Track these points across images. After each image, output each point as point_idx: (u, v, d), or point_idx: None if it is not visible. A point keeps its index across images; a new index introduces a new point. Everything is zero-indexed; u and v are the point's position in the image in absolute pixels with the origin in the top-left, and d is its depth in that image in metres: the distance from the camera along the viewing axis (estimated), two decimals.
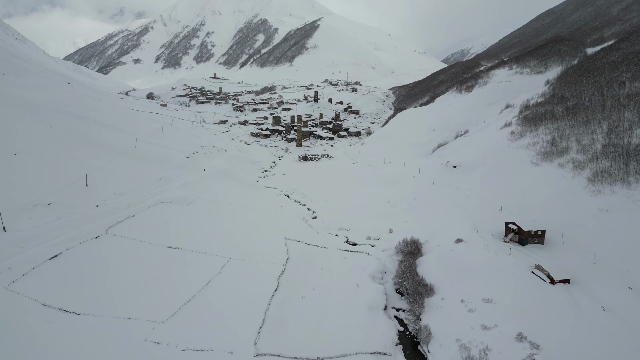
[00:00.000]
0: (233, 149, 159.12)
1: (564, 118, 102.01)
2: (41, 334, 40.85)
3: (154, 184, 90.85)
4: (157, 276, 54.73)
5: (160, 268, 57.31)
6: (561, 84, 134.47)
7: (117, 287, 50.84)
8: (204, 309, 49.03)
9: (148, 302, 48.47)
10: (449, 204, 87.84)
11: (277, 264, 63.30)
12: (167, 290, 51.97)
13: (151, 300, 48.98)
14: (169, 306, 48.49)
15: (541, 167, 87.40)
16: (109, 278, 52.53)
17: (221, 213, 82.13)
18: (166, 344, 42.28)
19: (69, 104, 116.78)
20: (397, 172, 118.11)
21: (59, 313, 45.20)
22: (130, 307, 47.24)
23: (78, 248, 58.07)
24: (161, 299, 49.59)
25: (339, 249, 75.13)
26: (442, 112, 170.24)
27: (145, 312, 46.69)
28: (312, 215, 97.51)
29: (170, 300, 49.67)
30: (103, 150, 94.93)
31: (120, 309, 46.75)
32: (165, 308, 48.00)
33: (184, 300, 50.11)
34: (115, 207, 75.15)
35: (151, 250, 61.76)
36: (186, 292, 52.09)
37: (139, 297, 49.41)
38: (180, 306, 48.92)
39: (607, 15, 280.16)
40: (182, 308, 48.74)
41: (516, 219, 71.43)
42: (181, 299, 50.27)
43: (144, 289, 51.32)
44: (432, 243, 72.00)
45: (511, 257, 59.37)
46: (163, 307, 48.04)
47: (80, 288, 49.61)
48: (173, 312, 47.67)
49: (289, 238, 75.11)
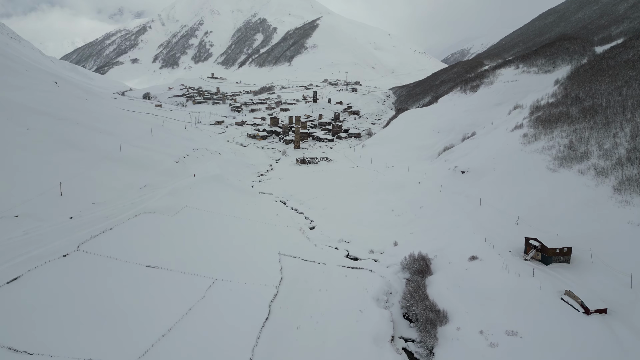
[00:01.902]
0: (227, 152, 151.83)
1: (581, 120, 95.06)
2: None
3: (138, 191, 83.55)
4: (130, 304, 47.47)
5: (135, 293, 50.06)
6: (573, 83, 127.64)
7: (81, 318, 43.57)
8: (181, 347, 41.82)
9: (115, 339, 41.20)
10: (458, 213, 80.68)
11: (269, 286, 56.08)
12: (139, 321, 44.70)
13: (119, 336, 41.71)
14: (140, 343, 41.23)
15: (559, 173, 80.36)
16: (74, 306, 45.23)
17: (210, 224, 74.89)
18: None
19: (51, 104, 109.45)
20: (401, 178, 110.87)
21: (7, 353, 37.93)
22: (94, 345, 39.97)
23: (42, 269, 50.74)
24: (131, 334, 42.32)
25: (338, 264, 67.99)
26: (446, 113, 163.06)
27: (111, 352, 39.45)
28: (309, 225, 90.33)
29: (142, 335, 42.41)
30: (84, 155, 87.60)
31: (82, 347, 39.48)
32: (134, 346, 40.75)
33: (158, 335, 42.84)
34: (92, 219, 67.78)
35: (126, 271, 54.53)
36: (161, 323, 44.83)
37: (105, 332, 42.14)
38: (153, 343, 41.66)
39: (614, 13, 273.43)
40: (155, 345, 41.49)
41: (536, 233, 64.35)
42: (155, 334, 43.00)
43: (112, 320, 44.04)
44: (443, 259, 64.82)
45: (535, 279, 52.20)
46: (132, 345, 40.78)
47: (37, 320, 42.32)
48: (144, 350, 40.42)
49: (283, 253, 67.94)
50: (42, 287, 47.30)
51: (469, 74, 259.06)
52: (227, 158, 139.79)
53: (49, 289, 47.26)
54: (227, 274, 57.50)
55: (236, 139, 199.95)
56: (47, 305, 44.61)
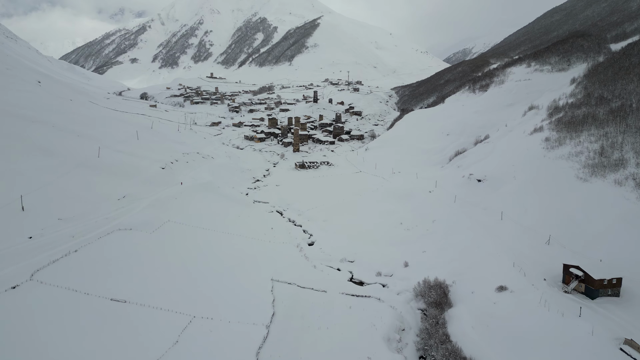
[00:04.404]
0: (222, 155, 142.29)
1: (610, 122, 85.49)
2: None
3: (114, 204, 74.12)
4: (81, 356, 38.06)
5: (93, 337, 40.68)
6: (593, 82, 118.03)
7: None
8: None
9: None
10: (477, 229, 71.07)
11: (258, 325, 46.57)
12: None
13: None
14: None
15: (591, 183, 70.75)
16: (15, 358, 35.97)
17: (193, 243, 65.44)
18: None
19: (27, 106, 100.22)
20: (409, 185, 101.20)
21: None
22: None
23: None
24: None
25: (341, 292, 58.47)
26: (455, 113, 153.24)
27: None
28: (308, 241, 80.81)
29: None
30: (55, 162, 78.26)
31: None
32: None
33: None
34: (55, 238, 58.37)
35: (85, 307, 45.07)
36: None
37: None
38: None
39: (626, 10, 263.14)
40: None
41: (573, 257, 54.91)
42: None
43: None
44: (463, 288, 55.28)
45: (584, 320, 42.58)
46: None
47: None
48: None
49: (277, 279, 58.44)
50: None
51: (476, 73, 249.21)
52: (221, 162, 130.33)
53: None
54: (208, 309, 48.04)
55: (233, 141, 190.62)
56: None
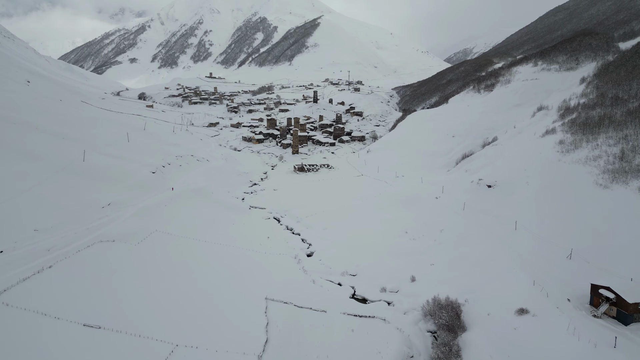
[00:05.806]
0: (218, 158, 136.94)
1: (629, 124, 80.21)
2: None
3: (98, 212, 68.90)
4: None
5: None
6: (605, 82, 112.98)
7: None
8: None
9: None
10: (489, 240, 65.68)
11: (248, 355, 41.22)
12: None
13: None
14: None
15: (612, 190, 65.40)
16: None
17: (181, 257, 60.11)
18: None
19: (9, 107, 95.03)
20: (413, 190, 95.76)
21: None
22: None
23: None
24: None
25: (343, 312, 53.07)
26: (460, 114, 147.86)
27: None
28: (307, 251, 75.46)
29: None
30: (35, 167, 73.04)
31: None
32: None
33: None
34: (28, 252, 53.24)
35: (56, 333, 39.81)
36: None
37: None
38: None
39: (633, 8, 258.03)
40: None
41: (599, 274, 49.67)
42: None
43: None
44: (478, 308, 49.87)
45: (620, 352, 37.21)
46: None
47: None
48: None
49: (271, 298, 53.07)
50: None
51: (480, 73, 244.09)
52: (216, 165, 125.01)
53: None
54: (193, 336, 42.71)
55: (230, 142, 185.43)
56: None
